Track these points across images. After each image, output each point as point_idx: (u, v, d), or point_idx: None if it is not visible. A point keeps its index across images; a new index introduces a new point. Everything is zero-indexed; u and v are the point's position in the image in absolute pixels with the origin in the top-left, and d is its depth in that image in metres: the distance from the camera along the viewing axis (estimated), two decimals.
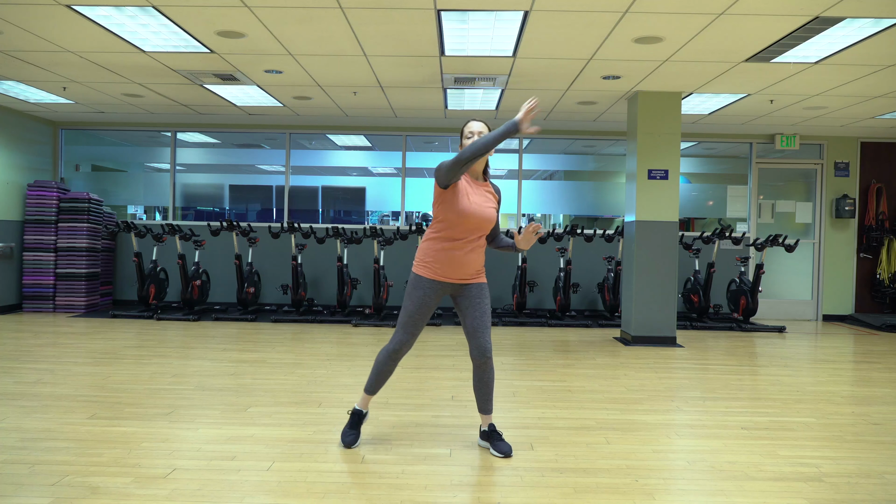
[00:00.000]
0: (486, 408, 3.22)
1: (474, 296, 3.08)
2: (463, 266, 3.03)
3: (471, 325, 3.09)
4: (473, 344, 3.10)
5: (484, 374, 3.15)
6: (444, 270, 3.03)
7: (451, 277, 3.05)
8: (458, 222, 2.97)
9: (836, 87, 6.17)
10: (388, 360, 3.14)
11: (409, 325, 3.08)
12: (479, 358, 3.10)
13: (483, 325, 3.09)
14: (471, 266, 3.06)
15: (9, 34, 5.02)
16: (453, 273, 3.04)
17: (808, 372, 5.30)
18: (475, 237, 3.03)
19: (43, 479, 2.72)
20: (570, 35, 4.84)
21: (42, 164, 8.57)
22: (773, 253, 8.75)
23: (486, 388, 3.18)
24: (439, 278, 3.05)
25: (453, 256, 3.01)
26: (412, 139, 9.06)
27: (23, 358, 5.21)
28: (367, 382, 3.24)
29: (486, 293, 3.12)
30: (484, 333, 3.09)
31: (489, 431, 3.22)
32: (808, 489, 2.80)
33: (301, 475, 2.85)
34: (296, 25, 4.75)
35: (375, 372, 3.19)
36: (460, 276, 3.06)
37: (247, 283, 7.79)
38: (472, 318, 3.08)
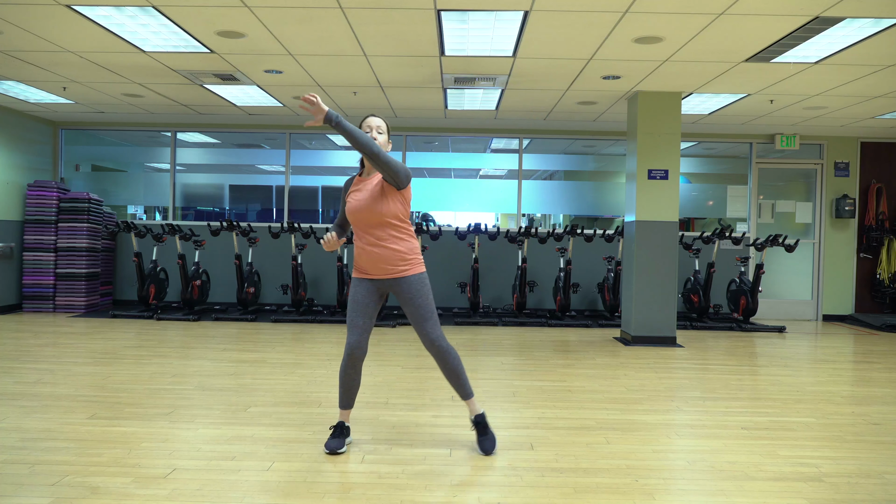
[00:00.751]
0: (462, 393, 3.21)
1: (404, 291, 3.10)
2: (373, 262, 3.07)
3: (410, 319, 3.14)
4: (420, 336, 3.13)
5: (445, 363, 3.15)
6: (360, 266, 3.13)
7: (369, 273, 3.11)
8: (351, 220, 3.10)
9: (836, 87, 6.17)
10: (347, 368, 3.13)
11: (350, 324, 3.12)
12: (430, 348, 3.13)
13: (420, 317, 3.10)
14: (381, 260, 3.06)
15: (9, 34, 5.02)
16: (369, 269, 3.10)
17: (808, 372, 5.30)
18: (367, 231, 3.06)
19: (43, 479, 2.72)
20: (570, 35, 4.84)
21: (42, 164, 8.57)
22: (773, 253, 8.75)
23: (453, 374, 3.17)
24: (360, 275, 3.14)
25: (360, 252, 3.10)
26: (412, 139, 9.06)
27: (23, 358, 5.21)
28: (339, 399, 3.23)
29: (414, 286, 3.09)
30: (424, 324, 3.10)
31: (475, 422, 3.21)
32: (808, 489, 2.80)
33: (301, 475, 2.85)
34: (296, 25, 4.75)
35: (340, 384, 3.19)
36: (378, 273, 3.09)
37: (247, 283, 7.79)
38: (409, 312, 3.13)
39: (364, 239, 3.07)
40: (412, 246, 3.11)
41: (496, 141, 9.18)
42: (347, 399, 3.21)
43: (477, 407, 3.24)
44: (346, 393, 3.20)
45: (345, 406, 3.22)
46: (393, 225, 3.04)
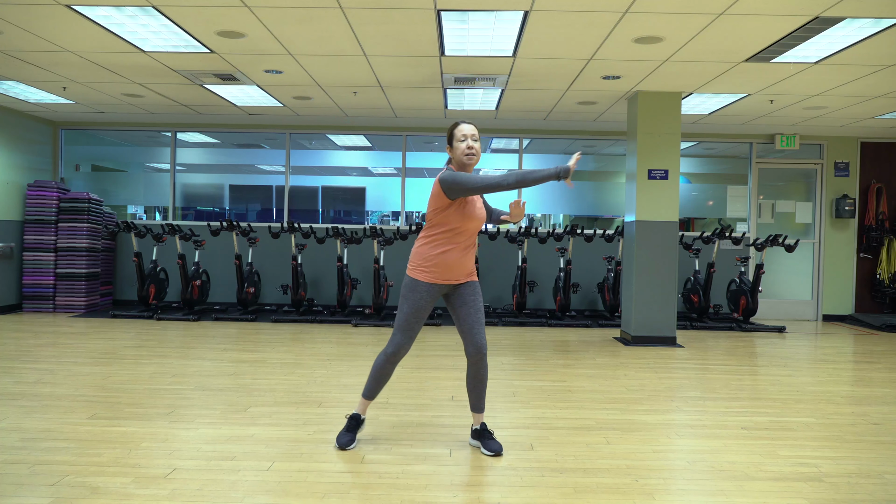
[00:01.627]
0: (478, 406, 3.23)
1: (467, 294, 3.12)
2: (460, 268, 3.09)
3: (465, 322, 3.12)
4: (469, 341, 3.12)
5: (479, 371, 3.17)
6: (441, 273, 3.07)
7: (448, 279, 3.10)
8: (462, 228, 3.04)
9: (836, 87, 6.17)
10: (387, 363, 3.16)
11: (407, 328, 3.10)
12: (475, 354, 3.13)
13: (478, 321, 3.13)
14: (466, 267, 3.12)
15: (9, 34, 5.02)
16: (450, 275, 3.09)
17: (808, 372, 5.30)
18: (474, 238, 3.12)
19: (43, 479, 2.72)
20: (570, 35, 4.84)
21: (42, 164, 8.57)
22: (773, 253, 8.75)
23: (481, 385, 3.20)
24: (437, 281, 3.08)
25: (451, 259, 3.05)
26: (412, 139, 9.06)
27: (23, 358, 5.21)
28: (366, 387, 3.24)
29: (478, 291, 3.16)
30: (479, 330, 3.13)
31: (480, 430, 3.23)
32: (808, 489, 2.80)
33: (301, 475, 2.85)
34: (296, 25, 4.75)
35: (374, 376, 3.20)
36: (456, 278, 3.11)
37: (247, 283, 7.79)
38: (467, 315, 3.12)
39: (461, 244, 3.07)
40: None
41: (496, 141, 9.18)
42: (376, 391, 3.24)
43: (482, 418, 3.27)
44: (377, 385, 3.22)
45: (370, 397, 3.25)
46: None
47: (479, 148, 3.08)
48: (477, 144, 3.07)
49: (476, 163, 3.09)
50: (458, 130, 3.07)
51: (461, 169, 3.09)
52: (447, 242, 3.05)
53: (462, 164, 3.08)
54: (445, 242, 3.05)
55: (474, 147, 3.05)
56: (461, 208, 3.02)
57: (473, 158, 3.06)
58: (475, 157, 3.06)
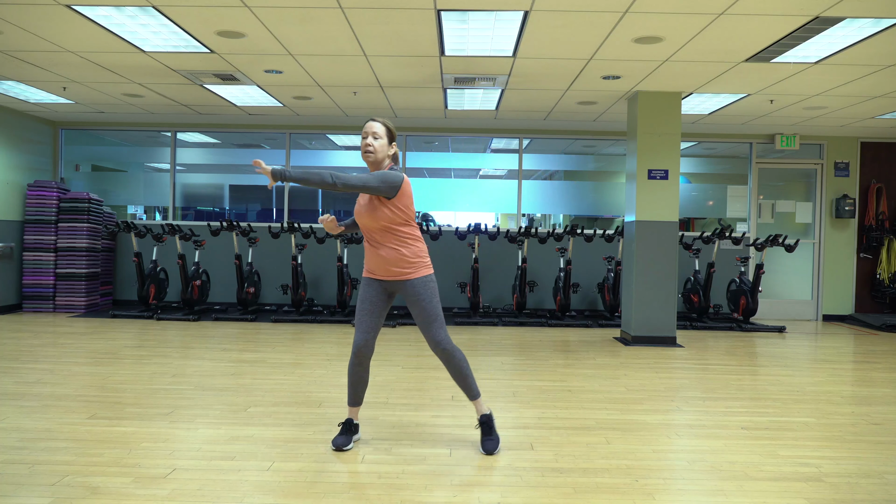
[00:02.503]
0: (469, 394, 3.25)
1: (409, 294, 3.15)
2: (377, 263, 3.14)
3: (417, 321, 3.19)
4: (426, 339, 3.18)
5: (450, 365, 3.19)
6: (367, 267, 3.21)
7: (376, 274, 3.17)
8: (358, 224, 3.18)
9: (836, 87, 6.17)
10: (354, 365, 3.20)
11: (358, 322, 3.18)
12: (435, 350, 3.18)
13: (425, 319, 3.14)
14: (387, 263, 3.12)
15: (9, 34, 5.02)
16: (375, 270, 3.17)
17: (808, 372, 5.30)
18: (371, 234, 3.13)
19: (43, 479, 2.72)
20: (570, 35, 4.84)
21: (42, 164, 8.57)
22: (773, 253, 8.75)
23: (459, 375, 3.21)
24: (367, 275, 3.21)
25: (368, 255, 3.18)
26: (412, 139, 9.05)
27: (23, 358, 5.21)
28: (347, 395, 3.28)
29: (419, 289, 3.13)
30: (429, 327, 3.14)
31: (482, 422, 3.24)
32: (808, 489, 2.80)
33: (301, 475, 2.85)
34: (296, 25, 4.75)
35: (349, 382, 3.24)
36: (382, 274, 3.16)
37: (247, 283, 7.79)
38: (415, 315, 3.17)
39: (370, 241, 3.15)
40: (417, 249, 3.13)
41: (496, 141, 9.18)
42: (355, 396, 3.25)
43: (483, 407, 3.26)
44: (354, 390, 3.24)
45: (353, 403, 3.26)
46: (394, 230, 3.08)
47: (379, 146, 3.10)
48: (376, 142, 3.10)
49: (374, 159, 3.11)
50: (364, 127, 3.15)
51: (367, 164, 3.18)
52: (364, 239, 3.19)
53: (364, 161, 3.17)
54: (364, 239, 3.19)
55: (372, 144, 3.10)
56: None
57: (369, 156, 3.11)
58: (371, 154, 3.10)
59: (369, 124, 3.13)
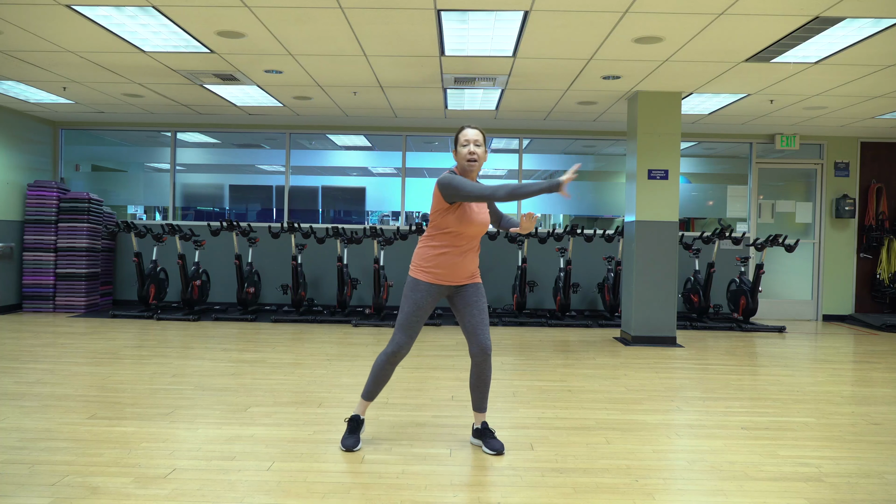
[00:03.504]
0: (481, 406, 3.25)
1: (470, 295, 3.14)
2: (462, 269, 3.11)
3: (470, 323, 3.14)
4: (473, 341, 3.15)
5: (483, 372, 3.19)
6: (443, 275, 3.10)
7: (449, 281, 3.13)
8: (462, 230, 3.05)
9: (836, 87, 6.17)
10: (387, 363, 3.17)
11: (407, 327, 3.12)
12: (479, 355, 3.15)
13: (481, 322, 3.15)
14: (468, 269, 3.14)
15: (9, 34, 5.02)
16: (452, 277, 3.12)
17: (808, 372, 5.30)
18: (475, 242, 3.14)
19: (43, 479, 2.72)
20: (570, 35, 4.84)
21: (42, 164, 8.57)
22: (773, 253, 8.75)
23: (484, 385, 3.22)
24: (438, 282, 3.11)
25: (453, 261, 3.08)
26: (412, 139, 9.06)
27: (23, 358, 5.21)
28: (365, 388, 3.26)
29: (481, 292, 3.18)
30: (484, 331, 3.15)
31: (482, 429, 3.25)
32: (808, 489, 2.80)
33: (301, 475, 2.85)
34: (296, 25, 4.75)
35: (374, 377, 3.21)
36: (457, 280, 3.13)
37: (247, 283, 7.79)
38: (471, 316, 3.14)
39: (464, 248, 3.09)
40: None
41: (496, 141, 9.18)
42: (375, 392, 3.25)
43: (483, 417, 3.29)
44: (377, 386, 3.23)
45: (369, 398, 3.26)
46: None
47: (482, 153, 3.08)
48: (479, 150, 3.07)
49: (478, 168, 3.11)
50: (462, 135, 3.09)
51: (463, 173, 3.10)
52: (447, 245, 3.07)
53: (464, 169, 3.10)
54: (445, 245, 3.07)
55: (476, 152, 3.06)
56: (461, 212, 3.03)
57: (475, 164, 3.07)
58: (476, 162, 3.07)
59: (470, 132, 3.08)
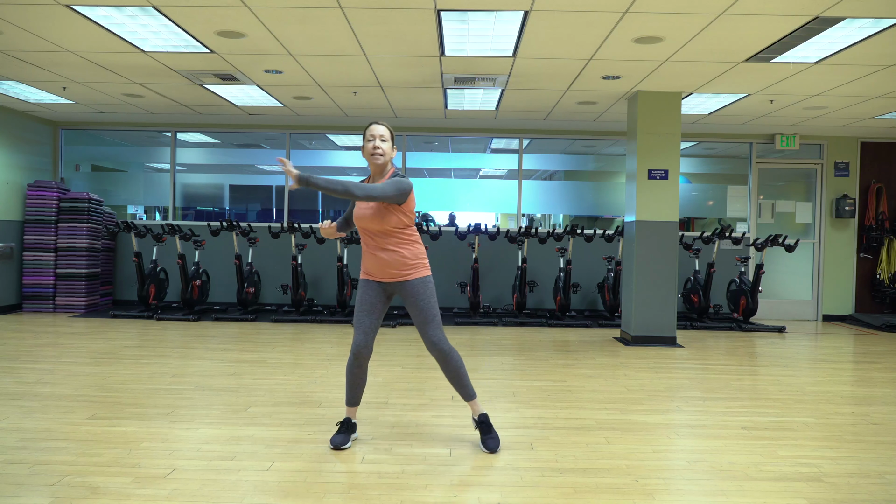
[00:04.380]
0: (465, 395, 3.27)
1: (408, 294, 3.16)
2: (377, 266, 3.15)
3: (414, 321, 3.20)
4: (422, 339, 3.19)
5: (446, 365, 3.21)
6: (366, 270, 3.21)
7: (375, 276, 3.18)
8: (357, 227, 3.18)
9: (836, 87, 6.17)
10: (353, 365, 3.20)
11: (357, 324, 3.19)
12: (431, 351, 3.19)
13: (422, 319, 3.16)
14: (387, 265, 3.13)
15: (9, 34, 5.02)
16: (374, 272, 3.18)
17: (808, 372, 5.30)
18: (373, 238, 3.13)
19: (43, 479, 2.72)
20: (570, 35, 4.84)
21: (42, 164, 8.57)
22: (773, 253, 8.75)
23: (455, 376, 3.22)
24: (365, 276, 3.22)
25: (366, 257, 3.18)
26: (412, 139, 9.05)
27: (23, 358, 5.21)
28: (346, 395, 3.28)
29: (418, 290, 3.15)
30: (426, 327, 3.16)
31: (479, 422, 3.26)
32: (808, 489, 2.80)
33: (301, 475, 2.85)
34: (296, 25, 4.75)
35: (347, 382, 3.26)
36: (381, 276, 3.17)
37: (247, 283, 7.79)
38: (413, 315, 3.19)
39: (370, 244, 3.15)
40: (416, 251, 3.17)
41: (496, 141, 9.18)
42: (354, 396, 3.27)
43: (479, 408, 3.29)
44: (353, 390, 3.26)
45: (351, 403, 3.28)
46: (396, 233, 3.11)
47: (387, 148, 3.13)
48: (385, 145, 3.12)
49: (382, 162, 3.13)
50: (368, 130, 3.14)
51: (371, 167, 3.17)
52: (363, 242, 3.19)
53: (370, 164, 3.16)
54: (363, 242, 3.19)
55: (380, 147, 3.11)
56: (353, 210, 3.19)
57: (378, 158, 3.12)
58: (380, 157, 3.11)
59: (375, 127, 3.13)
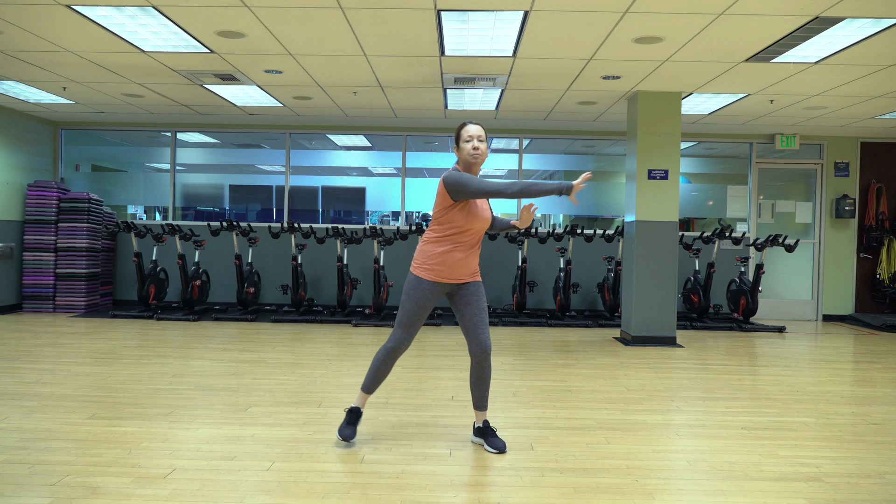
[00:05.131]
0: (481, 404, 3.26)
1: (471, 294, 3.15)
2: (463, 267, 3.12)
3: (470, 322, 3.16)
4: (473, 341, 3.16)
5: (482, 371, 3.20)
6: (446, 272, 3.11)
7: (451, 278, 3.14)
8: (468, 227, 3.07)
9: (836, 87, 6.17)
10: (387, 358, 3.19)
11: (408, 324, 3.14)
12: (479, 354, 3.16)
13: (482, 321, 3.16)
14: (470, 266, 3.15)
15: (9, 34, 5.02)
16: (454, 274, 3.13)
17: (808, 372, 5.30)
18: (478, 239, 3.15)
19: (43, 479, 2.72)
20: (570, 35, 4.84)
21: (42, 164, 8.57)
22: (773, 253, 8.75)
23: (484, 384, 3.23)
24: (441, 279, 3.12)
25: (456, 258, 3.10)
26: (412, 139, 9.06)
27: (23, 358, 5.21)
28: (365, 381, 3.27)
29: (481, 291, 3.19)
30: (483, 330, 3.16)
31: (483, 428, 3.26)
32: (808, 489, 2.80)
33: (301, 475, 2.85)
34: (296, 25, 4.75)
35: (373, 371, 3.23)
36: (460, 277, 3.14)
37: (247, 283, 7.79)
38: (471, 314, 3.15)
39: (468, 244, 3.11)
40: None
41: (496, 141, 9.18)
42: (375, 385, 3.26)
43: (485, 415, 3.31)
44: (376, 380, 3.25)
45: (369, 391, 3.27)
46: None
47: (485, 149, 3.11)
48: (483, 145, 3.10)
49: (481, 163, 3.14)
50: (465, 131, 3.11)
51: (467, 169, 3.12)
52: (451, 241, 3.08)
53: (468, 165, 3.12)
54: (450, 241, 3.08)
55: (480, 148, 3.09)
56: (466, 209, 3.06)
57: (479, 158, 3.10)
58: (480, 157, 3.10)
59: (474, 128, 3.11)
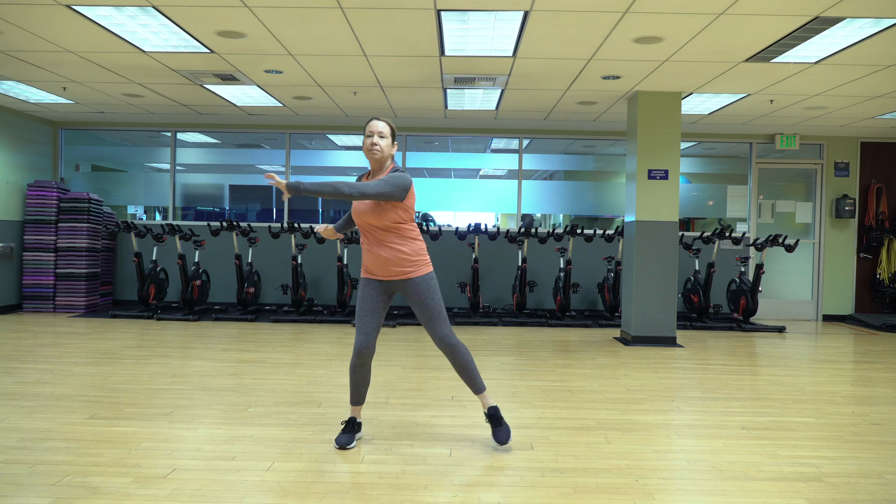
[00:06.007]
0: (475, 388, 3.27)
1: (412, 292, 3.16)
2: (377, 264, 3.14)
3: (420, 319, 3.21)
4: (430, 335, 3.21)
5: (456, 360, 3.22)
6: (367, 268, 3.20)
7: (376, 274, 3.17)
8: (358, 223, 3.15)
9: (836, 87, 6.17)
10: (356, 365, 3.19)
11: (359, 324, 3.18)
12: (439, 345, 3.21)
13: (428, 316, 3.17)
14: (388, 262, 3.12)
15: (9, 34, 5.02)
16: (374, 271, 3.17)
17: (808, 372, 5.30)
18: (372, 234, 3.12)
19: (43, 479, 2.72)
20: (570, 35, 4.84)
21: (42, 164, 8.57)
22: (773, 253, 8.75)
23: (466, 370, 3.24)
24: (366, 275, 3.21)
25: (366, 255, 3.17)
26: (412, 139, 9.06)
27: (23, 358, 5.21)
28: (350, 395, 3.29)
29: (421, 289, 3.14)
30: (433, 323, 3.17)
31: (489, 415, 3.27)
32: (808, 489, 2.80)
33: (301, 475, 2.85)
34: (296, 25, 4.75)
35: (350, 381, 3.26)
36: (384, 274, 3.15)
37: (247, 283, 7.79)
38: (418, 313, 3.19)
39: (370, 240, 3.13)
40: (417, 247, 3.15)
41: (496, 141, 9.18)
42: (357, 396, 3.27)
43: (489, 400, 3.30)
44: (356, 390, 3.26)
45: (356, 402, 3.28)
46: (397, 229, 3.10)
47: (385, 144, 3.12)
48: (383, 141, 3.11)
49: (382, 159, 3.13)
50: (367, 126, 3.14)
51: (370, 162, 3.16)
52: (362, 239, 3.18)
53: (370, 161, 3.15)
54: (362, 239, 3.18)
55: (379, 144, 3.11)
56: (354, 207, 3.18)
57: (376, 154, 3.11)
58: (378, 152, 3.11)
59: (374, 123, 3.13)
